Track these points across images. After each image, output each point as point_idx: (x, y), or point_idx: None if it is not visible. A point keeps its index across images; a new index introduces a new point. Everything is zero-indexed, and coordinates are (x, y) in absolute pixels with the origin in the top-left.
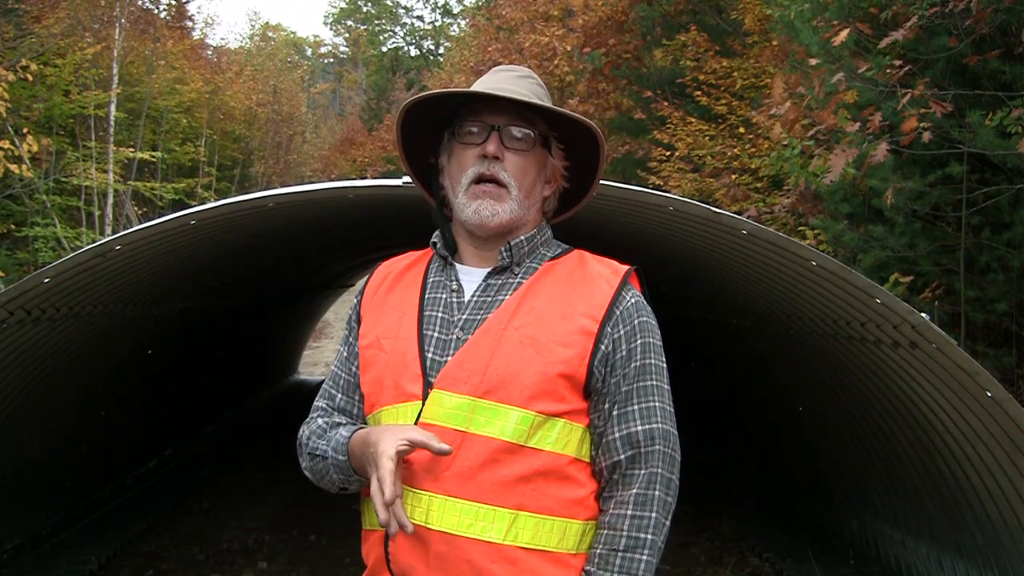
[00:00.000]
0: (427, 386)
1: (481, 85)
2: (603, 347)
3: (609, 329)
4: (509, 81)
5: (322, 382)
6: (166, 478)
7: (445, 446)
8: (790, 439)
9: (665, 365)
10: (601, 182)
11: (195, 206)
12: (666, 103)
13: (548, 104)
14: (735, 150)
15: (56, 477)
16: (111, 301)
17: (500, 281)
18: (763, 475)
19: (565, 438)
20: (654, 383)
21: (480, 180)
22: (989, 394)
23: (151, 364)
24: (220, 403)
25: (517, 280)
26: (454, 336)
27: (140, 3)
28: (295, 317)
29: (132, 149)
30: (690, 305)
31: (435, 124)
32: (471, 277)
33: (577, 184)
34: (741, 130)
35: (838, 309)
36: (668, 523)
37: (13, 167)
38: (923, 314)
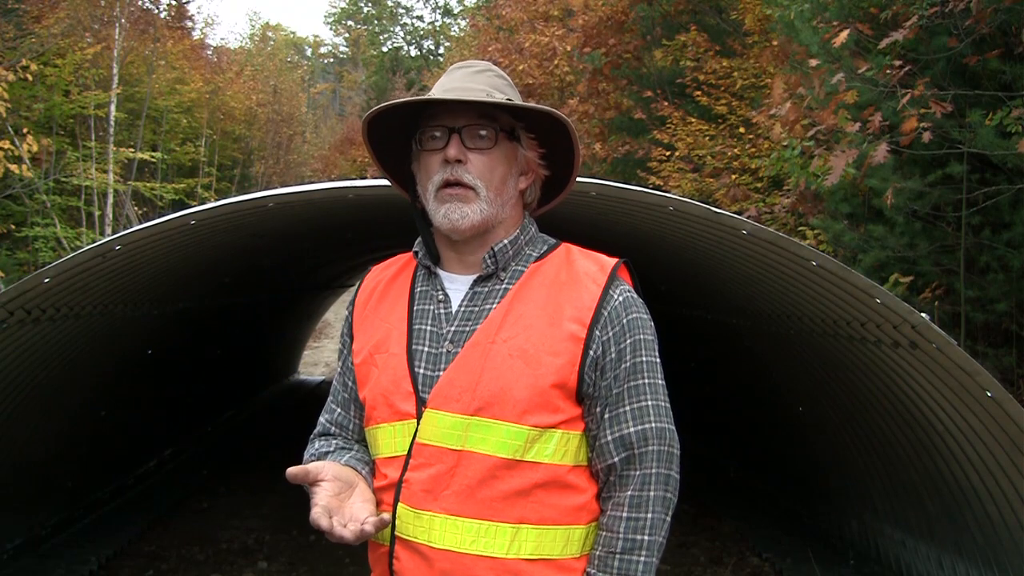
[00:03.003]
0: (420, 403)
1: (439, 87)
2: (592, 351)
3: (598, 332)
4: (466, 79)
5: (322, 382)
6: (166, 478)
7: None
8: (790, 439)
9: (658, 360)
10: (601, 182)
11: (195, 206)
12: (666, 103)
13: (506, 97)
14: (735, 150)
15: (56, 477)
16: (111, 301)
17: (486, 289)
18: (763, 475)
19: (563, 448)
20: (646, 381)
21: (446, 185)
22: (989, 394)
23: (151, 364)
24: (220, 403)
25: (503, 287)
26: (444, 349)
27: (140, 3)
28: (295, 317)
29: (132, 149)
30: (690, 305)
31: (408, 133)
32: (456, 285)
33: (561, 171)
34: (741, 130)
35: (838, 309)
36: (669, 519)
37: (13, 167)
38: (923, 314)
